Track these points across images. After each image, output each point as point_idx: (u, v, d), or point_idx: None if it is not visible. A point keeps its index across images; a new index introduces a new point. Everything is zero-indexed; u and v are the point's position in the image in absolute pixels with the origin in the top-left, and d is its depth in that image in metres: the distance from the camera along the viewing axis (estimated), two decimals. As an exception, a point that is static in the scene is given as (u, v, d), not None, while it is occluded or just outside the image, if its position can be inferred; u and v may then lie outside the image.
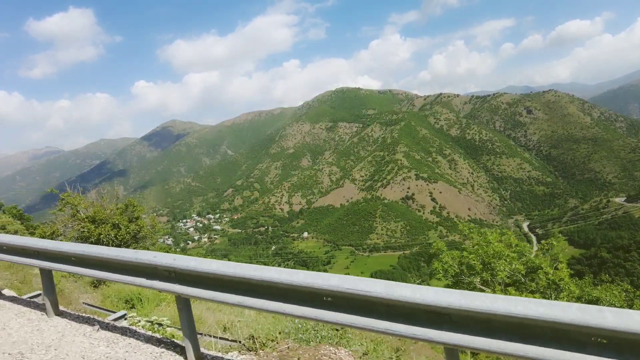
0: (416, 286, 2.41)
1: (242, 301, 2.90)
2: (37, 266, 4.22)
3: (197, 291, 3.07)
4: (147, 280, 3.32)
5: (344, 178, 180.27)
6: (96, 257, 3.58)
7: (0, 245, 4.57)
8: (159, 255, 3.18)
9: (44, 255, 4.11)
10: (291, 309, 2.74)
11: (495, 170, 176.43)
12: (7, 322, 4.30)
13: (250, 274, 2.79)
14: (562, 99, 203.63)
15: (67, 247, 3.87)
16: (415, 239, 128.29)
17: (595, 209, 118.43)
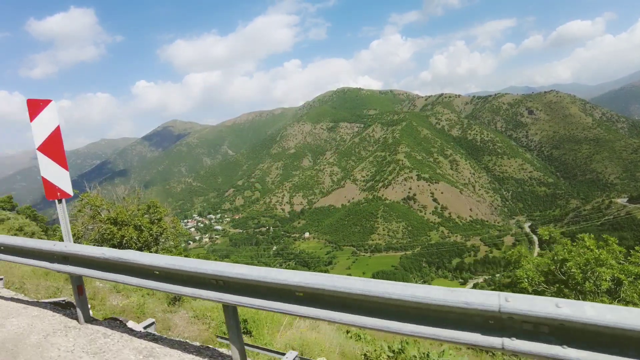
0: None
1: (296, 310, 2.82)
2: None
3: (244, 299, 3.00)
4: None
5: (345, 178, 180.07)
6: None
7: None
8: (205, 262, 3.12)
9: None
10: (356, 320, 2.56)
11: (497, 170, 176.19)
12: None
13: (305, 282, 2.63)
14: (564, 100, 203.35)
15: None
16: (417, 239, 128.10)
17: (598, 209, 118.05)
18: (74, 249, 3.96)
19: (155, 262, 3.31)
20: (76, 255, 3.99)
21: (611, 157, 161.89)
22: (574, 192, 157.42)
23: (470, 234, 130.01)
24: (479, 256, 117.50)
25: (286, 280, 2.72)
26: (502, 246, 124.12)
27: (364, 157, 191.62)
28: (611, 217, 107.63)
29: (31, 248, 4.42)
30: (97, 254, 3.73)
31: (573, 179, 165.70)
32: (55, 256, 4.19)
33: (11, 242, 4.70)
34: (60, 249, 4.06)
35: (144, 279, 3.50)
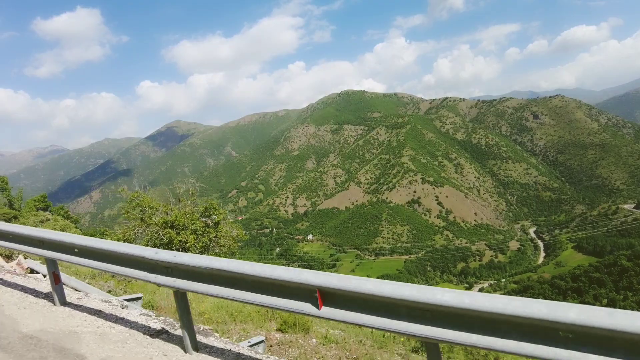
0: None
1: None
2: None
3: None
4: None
5: (349, 181, 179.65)
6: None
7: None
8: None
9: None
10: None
11: (502, 175, 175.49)
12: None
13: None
14: (569, 105, 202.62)
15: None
16: (421, 243, 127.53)
17: (604, 215, 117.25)
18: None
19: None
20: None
21: (617, 162, 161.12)
22: (580, 198, 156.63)
23: (475, 239, 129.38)
24: (484, 261, 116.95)
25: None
26: (507, 251, 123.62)
27: (368, 160, 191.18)
28: (618, 222, 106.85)
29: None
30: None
31: (578, 184, 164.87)
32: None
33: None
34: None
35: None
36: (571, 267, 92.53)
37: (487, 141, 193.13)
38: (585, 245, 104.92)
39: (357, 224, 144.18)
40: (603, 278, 46.98)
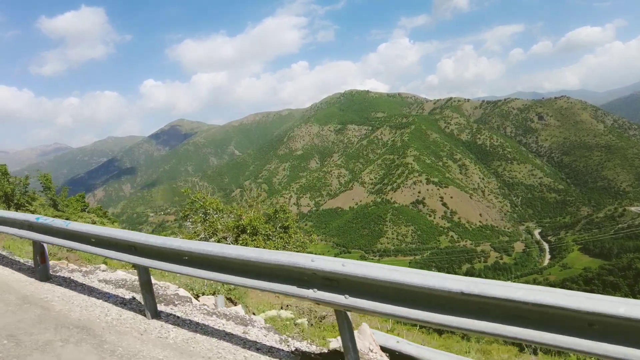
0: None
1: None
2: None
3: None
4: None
5: (353, 181, 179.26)
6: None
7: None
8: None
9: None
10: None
11: (506, 176, 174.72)
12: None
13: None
14: (575, 106, 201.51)
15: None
16: (426, 244, 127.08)
17: (611, 217, 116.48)
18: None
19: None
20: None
21: (623, 164, 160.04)
22: (585, 199, 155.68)
23: (480, 240, 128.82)
24: (489, 262, 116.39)
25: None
26: (513, 252, 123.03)
27: (372, 160, 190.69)
28: (625, 225, 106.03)
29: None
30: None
31: (584, 185, 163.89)
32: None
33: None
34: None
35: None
36: (578, 269, 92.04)
37: (491, 142, 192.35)
38: (591, 248, 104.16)
39: (362, 224, 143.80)
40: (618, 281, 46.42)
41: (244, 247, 3.53)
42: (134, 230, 5.96)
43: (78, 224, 4.94)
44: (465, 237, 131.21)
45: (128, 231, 4.50)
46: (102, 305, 4.56)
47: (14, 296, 4.74)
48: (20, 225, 5.53)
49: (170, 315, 4.37)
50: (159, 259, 3.94)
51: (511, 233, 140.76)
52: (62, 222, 5.03)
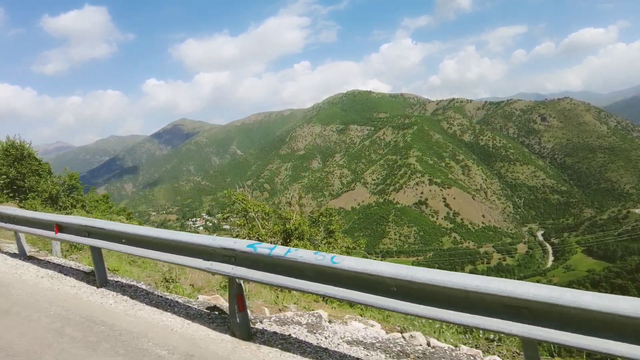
0: None
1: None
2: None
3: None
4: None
5: (355, 181, 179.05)
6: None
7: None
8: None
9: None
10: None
11: (509, 177, 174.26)
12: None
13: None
14: (578, 107, 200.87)
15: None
16: (428, 245, 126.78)
17: (614, 219, 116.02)
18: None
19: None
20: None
21: (627, 166, 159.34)
22: (588, 201, 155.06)
23: (483, 242, 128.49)
24: (492, 263, 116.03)
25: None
26: (516, 254, 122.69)
27: (374, 160, 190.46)
28: (629, 227, 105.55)
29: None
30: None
31: (587, 187, 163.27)
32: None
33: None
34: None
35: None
36: (582, 271, 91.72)
37: (494, 143, 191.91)
38: (595, 250, 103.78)
39: (364, 225, 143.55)
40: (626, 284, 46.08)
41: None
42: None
43: (282, 247, 3.66)
44: (467, 239, 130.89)
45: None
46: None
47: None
48: (209, 254, 3.96)
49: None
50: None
51: (514, 234, 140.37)
52: (266, 246, 3.68)
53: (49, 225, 5.96)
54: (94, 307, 4.65)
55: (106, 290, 5.27)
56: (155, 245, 4.51)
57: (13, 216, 6.79)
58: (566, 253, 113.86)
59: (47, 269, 6.25)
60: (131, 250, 4.76)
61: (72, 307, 4.58)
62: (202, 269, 4.03)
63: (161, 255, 4.41)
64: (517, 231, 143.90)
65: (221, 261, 3.85)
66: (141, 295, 5.11)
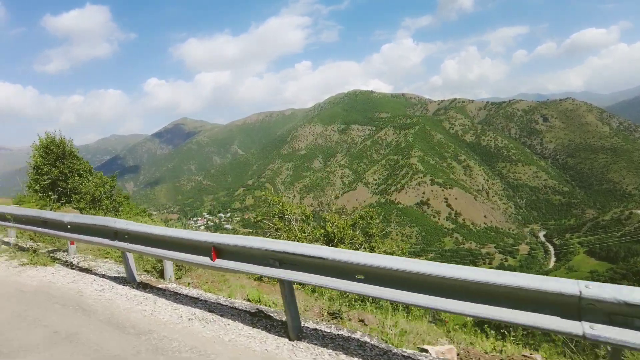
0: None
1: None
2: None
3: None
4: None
5: (356, 181, 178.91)
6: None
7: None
8: None
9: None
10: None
11: (511, 177, 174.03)
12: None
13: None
14: (580, 108, 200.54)
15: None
16: (430, 245, 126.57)
17: (617, 220, 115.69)
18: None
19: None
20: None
21: (629, 167, 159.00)
22: (590, 202, 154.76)
23: (485, 242, 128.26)
24: (494, 264, 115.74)
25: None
26: (518, 255, 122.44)
27: (376, 160, 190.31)
28: (632, 228, 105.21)
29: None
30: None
31: (589, 188, 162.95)
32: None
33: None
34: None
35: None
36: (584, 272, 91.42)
37: (496, 143, 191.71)
38: (598, 251, 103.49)
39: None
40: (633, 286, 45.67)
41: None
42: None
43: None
44: (469, 239, 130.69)
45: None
46: None
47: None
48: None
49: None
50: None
51: (516, 235, 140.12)
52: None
53: (202, 248, 4.42)
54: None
55: (310, 347, 3.67)
56: (422, 285, 3.18)
57: (146, 235, 5.10)
58: (568, 254, 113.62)
59: (186, 306, 4.77)
60: (366, 289, 3.37)
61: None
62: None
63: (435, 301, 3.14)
64: (518, 232, 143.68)
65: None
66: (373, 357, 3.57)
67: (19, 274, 6.26)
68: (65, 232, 6.47)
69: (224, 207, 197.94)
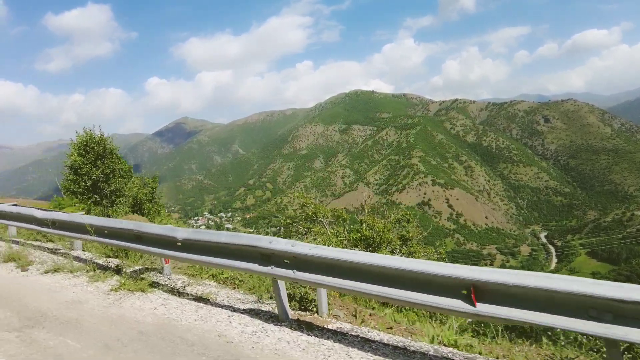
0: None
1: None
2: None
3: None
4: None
5: (357, 181, 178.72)
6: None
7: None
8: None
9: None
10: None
11: (512, 178, 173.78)
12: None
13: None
14: (582, 109, 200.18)
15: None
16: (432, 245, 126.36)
17: (619, 222, 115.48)
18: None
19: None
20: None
21: (631, 168, 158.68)
22: (592, 203, 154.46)
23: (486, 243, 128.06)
24: (496, 265, 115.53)
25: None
26: (519, 256, 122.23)
27: (377, 161, 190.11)
28: (634, 230, 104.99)
29: None
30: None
31: (590, 189, 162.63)
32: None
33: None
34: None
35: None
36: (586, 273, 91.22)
37: (497, 144, 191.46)
38: (599, 252, 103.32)
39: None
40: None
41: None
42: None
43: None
44: (471, 240, 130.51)
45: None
46: None
47: None
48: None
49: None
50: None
51: (517, 236, 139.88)
52: None
53: (449, 286, 3.30)
54: None
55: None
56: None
57: (336, 262, 3.86)
58: (570, 255, 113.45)
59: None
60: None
61: None
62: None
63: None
64: (520, 233, 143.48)
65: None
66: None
67: (118, 304, 4.91)
68: (175, 251, 5.20)
69: (224, 207, 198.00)
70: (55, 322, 4.35)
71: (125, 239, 5.96)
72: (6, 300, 5.10)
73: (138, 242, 5.73)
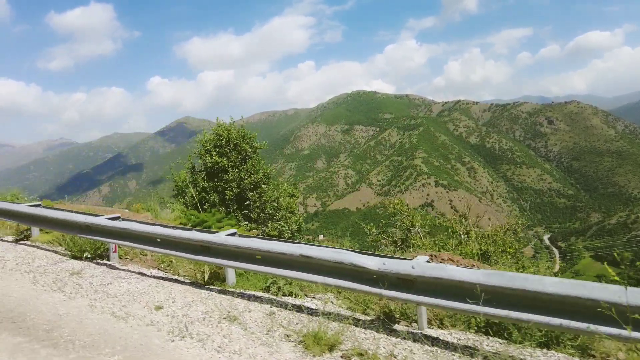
0: None
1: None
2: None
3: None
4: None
5: (360, 182, 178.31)
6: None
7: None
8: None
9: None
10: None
11: (515, 180, 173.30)
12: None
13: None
14: (585, 111, 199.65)
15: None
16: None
17: (623, 224, 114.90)
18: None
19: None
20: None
21: (634, 170, 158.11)
22: (595, 205, 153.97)
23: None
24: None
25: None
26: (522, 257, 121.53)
27: (379, 161, 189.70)
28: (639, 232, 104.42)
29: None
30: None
31: (594, 191, 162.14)
32: None
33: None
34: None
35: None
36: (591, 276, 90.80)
37: (500, 145, 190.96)
38: (604, 255, 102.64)
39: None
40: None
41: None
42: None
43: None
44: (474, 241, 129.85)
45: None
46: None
47: None
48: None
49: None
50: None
51: (520, 238, 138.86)
52: None
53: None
54: None
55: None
56: None
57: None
58: (574, 257, 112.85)
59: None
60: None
61: None
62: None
63: None
64: (523, 235, 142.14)
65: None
66: None
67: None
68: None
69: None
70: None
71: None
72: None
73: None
